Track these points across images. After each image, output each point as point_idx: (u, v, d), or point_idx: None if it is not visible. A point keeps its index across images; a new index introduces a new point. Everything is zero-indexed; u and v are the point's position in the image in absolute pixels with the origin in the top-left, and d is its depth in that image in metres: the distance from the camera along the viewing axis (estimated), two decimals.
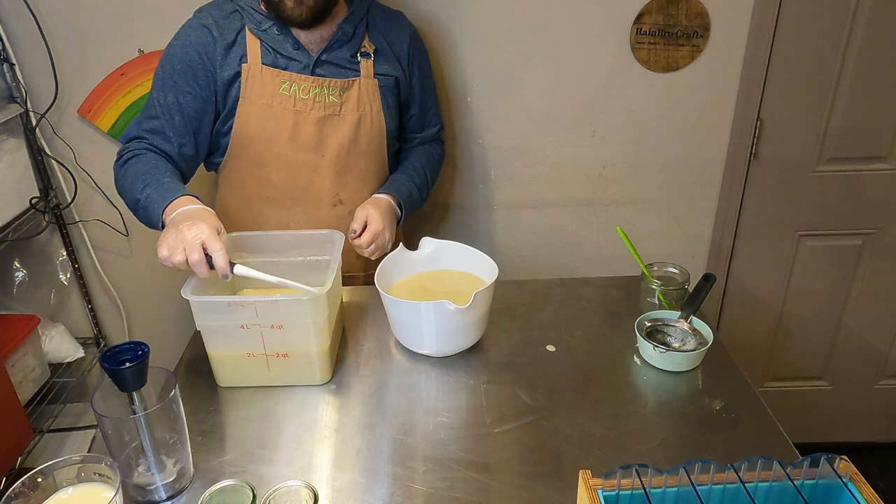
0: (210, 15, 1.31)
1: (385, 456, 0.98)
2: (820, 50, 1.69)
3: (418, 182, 1.47)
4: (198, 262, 1.05)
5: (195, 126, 1.33)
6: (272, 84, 1.31)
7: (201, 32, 1.29)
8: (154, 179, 1.22)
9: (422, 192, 1.49)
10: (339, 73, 1.34)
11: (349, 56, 1.35)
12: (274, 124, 1.33)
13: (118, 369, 0.85)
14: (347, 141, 1.37)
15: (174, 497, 0.91)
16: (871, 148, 1.80)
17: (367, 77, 1.36)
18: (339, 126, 1.36)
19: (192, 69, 1.29)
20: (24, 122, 1.69)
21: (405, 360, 1.19)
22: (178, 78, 1.29)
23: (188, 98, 1.30)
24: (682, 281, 1.27)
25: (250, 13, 1.30)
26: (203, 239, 1.06)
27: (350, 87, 1.34)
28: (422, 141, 1.55)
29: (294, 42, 1.31)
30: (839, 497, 0.71)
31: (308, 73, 1.32)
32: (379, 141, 1.41)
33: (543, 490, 0.91)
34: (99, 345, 2.01)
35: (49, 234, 1.86)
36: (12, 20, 1.62)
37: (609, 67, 1.72)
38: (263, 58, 1.30)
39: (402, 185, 1.43)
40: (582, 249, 1.96)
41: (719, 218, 1.91)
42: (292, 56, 1.31)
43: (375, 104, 1.37)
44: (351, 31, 1.34)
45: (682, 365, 1.13)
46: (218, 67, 1.30)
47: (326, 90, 1.33)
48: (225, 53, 1.29)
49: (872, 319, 2.03)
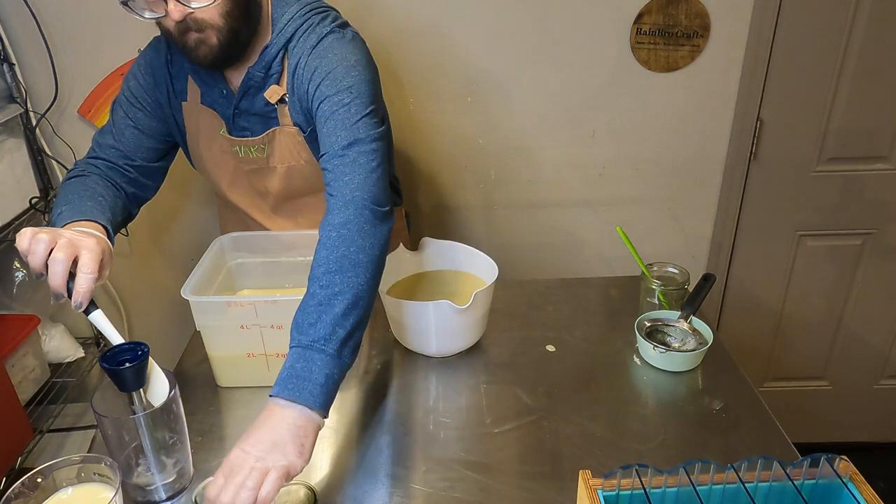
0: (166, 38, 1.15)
1: (385, 456, 0.98)
2: (820, 50, 1.69)
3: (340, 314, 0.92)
4: (57, 269, 0.86)
5: (147, 141, 1.21)
6: (211, 126, 1.21)
7: (159, 50, 1.20)
8: (76, 200, 1.06)
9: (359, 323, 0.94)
10: (259, 123, 1.18)
11: (264, 104, 1.15)
12: (215, 167, 1.27)
13: (118, 369, 0.85)
14: (283, 189, 1.26)
15: (174, 497, 0.91)
16: (871, 148, 1.80)
17: (287, 125, 1.17)
18: (271, 177, 1.25)
19: (144, 86, 1.19)
20: (24, 122, 1.69)
21: (405, 360, 1.19)
22: (129, 94, 1.20)
23: (139, 114, 1.19)
24: (682, 281, 1.27)
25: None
26: (85, 249, 0.88)
27: (272, 138, 1.18)
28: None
29: (223, 85, 1.16)
30: (839, 497, 0.71)
31: (229, 132, 1.20)
32: (318, 181, 1.15)
33: (543, 490, 0.91)
34: (99, 345, 2.00)
35: None
36: (12, 20, 1.62)
37: (609, 67, 1.72)
38: (202, 98, 1.19)
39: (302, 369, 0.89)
40: (582, 249, 1.96)
41: (719, 218, 1.91)
42: (218, 104, 1.19)
43: (304, 153, 1.20)
44: (261, 74, 1.12)
45: (682, 365, 1.13)
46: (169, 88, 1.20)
47: (248, 148, 1.21)
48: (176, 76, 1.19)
49: (872, 319, 2.03)
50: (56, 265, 0.86)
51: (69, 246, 0.87)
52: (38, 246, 0.87)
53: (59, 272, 0.86)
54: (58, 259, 0.86)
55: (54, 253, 0.86)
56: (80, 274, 0.87)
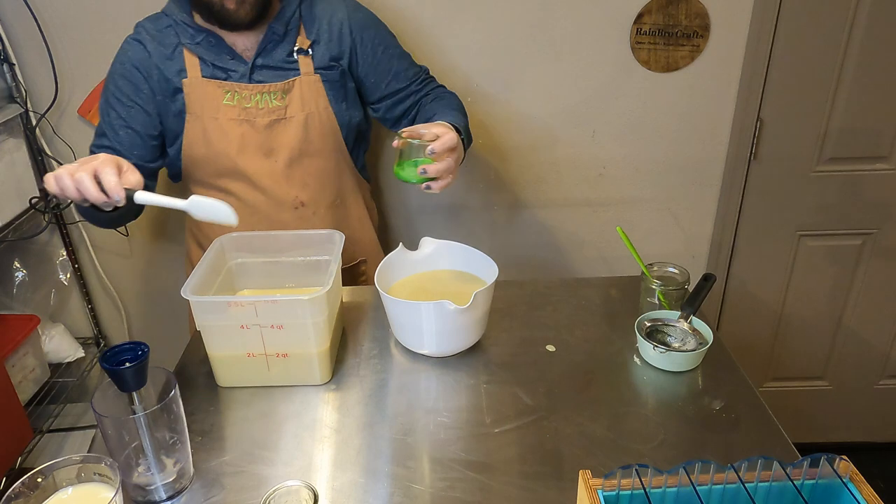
0: (145, 29, 1.31)
1: (385, 456, 0.98)
2: (820, 50, 1.69)
3: (457, 113, 1.34)
4: (81, 181, 0.99)
5: (142, 139, 1.31)
6: (214, 96, 1.30)
7: (136, 48, 1.29)
8: None
9: (466, 122, 1.34)
10: (278, 76, 1.31)
11: (285, 56, 1.31)
12: (222, 136, 1.31)
13: (118, 369, 0.85)
14: (298, 143, 1.34)
15: (174, 497, 0.91)
16: (871, 148, 1.80)
17: (308, 74, 1.32)
18: (287, 129, 1.33)
19: (132, 84, 1.29)
20: (24, 122, 1.69)
21: (405, 360, 1.19)
22: (119, 94, 1.29)
23: (131, 112, 1.29)
24: (682, 281, 1.27)
25: (183, 28, 1.29)
26: (96, 165, 1.01)
27: (291, 87, 1.32)
28: (416, 93, 1.44)
29: (229, 51, 1.29)
30: (839, 497, 0.71)
31: (246, 81, 1.30)
32: (334, 137, 1.37)
33: (543, 490, 0.91)
34: (99, 345, 2.01)
35: (49, 234, 1.86)
36: (12, 20, 1.62)
37: (609, 67, 1.72)
38: (203, 71, 1.29)
39: (450, 118, 1.27)
40: (582, 249, 1.96)
41: (719, 218, 1.91)
42: (229, 66, 1.29)
43: (322, 101, 1.34)
44: (282, 29, 1.30)
45: (682, 365, 1.13)
46: (156, 82, 1.29)
47: (268, 95, 1.30)
48: (163, 67, 1.28)
49: (872, 319, 2.03)
50: (84, 183, 1.00)
51: (83, 165, 1.01)
52: (63, 181, 1.01)
53: (90, 186, 1.00)
54: (81, 178, 0.99)
55: (76, 176, 1.00)
56: (104, 177, 1.00)
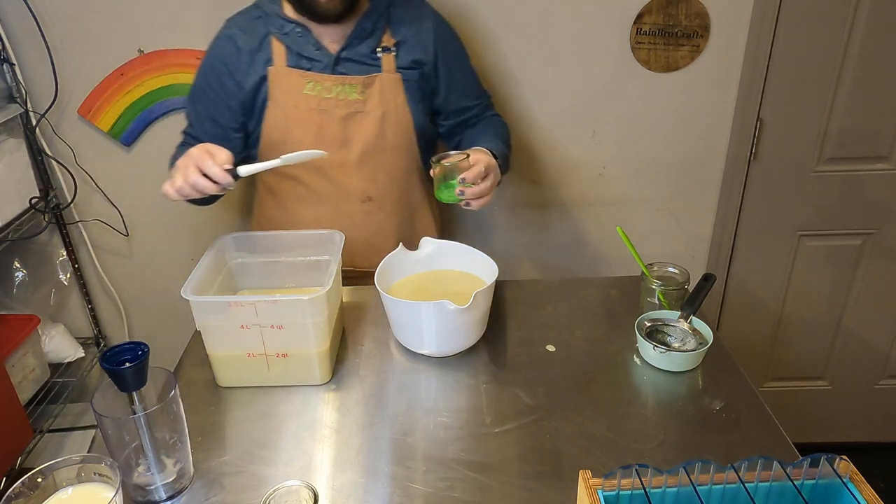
0: (235, 24, 1.37)
1: (385, 456, 0.98)
2: (820, 50, 1.69)
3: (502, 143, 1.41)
4: (196, 182, 1.11)
5: (224, 131, 1.38)
6: (297, 85, 1.33)
7: (225, 44, 1.35)
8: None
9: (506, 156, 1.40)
10: (360, 70, 1.35)
11: (369, 52, 1.35)
12: (300, 124, 1.35)
13: (118, 369, 0.85)
14: (373, 137, 1.37)
15: (174, 497, 0.91)
16: (871, 148, 1.80)
17: (389, 72, 1.36)
18: (363, 123, 1.36)
19: (218, 79, 1.36)
20: (24, 122, 1.69)
21: (405, 360, 1.19)
22: (205, 88, 1.38)
23: (215, 106, 1.37)
24: (682, 281, 1.27)
25: (273, 18, 1.34)
26: (194, 161, 1.11)
27: (372, 83, 1.35)
28: (477, 115, 1.50)
29: (315, 43, 1.33)
30: (839, 497, 0.71)
31: (329, 72, 1.33)
32: (407, 136, 1.40)
33: (543, 490, 0.91)
34: (99, 345, 2.01)
35: (49, 234, 1.86)
36: (12, 20, 1.62)
37: (609, 67, 1.72)
38: (288, 60, 1.33)
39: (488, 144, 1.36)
40: (582, 249, 1.96)
41: (719, 218, 1.91)
42: (314, 56, 1.33)
43: (399, 99, 1.37)
44: (370, 26, 1.34)
45: (682, 365, 1.13)
46: (242, 75, 1.34)
47: (348, 87, 1.34)
48: (250, 59, 1.34)
49: (872, 319, 2.03)
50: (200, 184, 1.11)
51: (188, 169, 1.11)
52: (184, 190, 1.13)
53: (207, 184, 1.11)
54: (196, 181, 1.11)
55: (191, 180, 1.11)
56: (209, 170, 1.10)
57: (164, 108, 1.73)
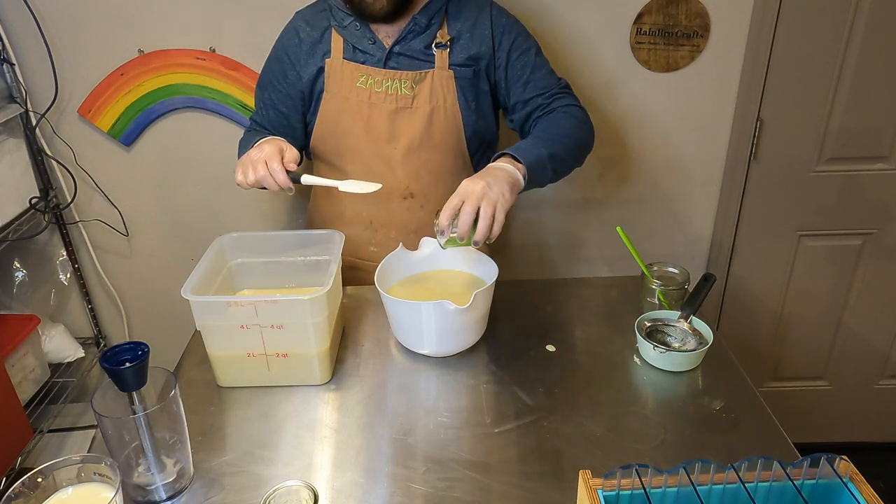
0: (302, 16, 1.40)
1: (385, 456, 0.98)
2: (820, 50, 1.69)
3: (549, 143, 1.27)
4: (263, 178, 1.19)
5: (287, 120, 1.43)
6: (350, 78, 1.36)
7: (290, 35, 1.39)
8: (259, 136, 1.36)
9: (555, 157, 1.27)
10: (412, 66, 1.35)
11: (423, 48, 1.34)
12: (350, 116, 1.37)
13: (118, 369, 0.85)
14: (419, 134, 1.37)
15: (174, 497, 0.91)
16: (871, 148, 1.80)
17: (442, 69, 1.35)
18: (411, 118, 1.37)
19: (282, 69, 1.40)
20: (24, 122, 1.69)
21: (405, 360, 1.19)
22: (271, 77, 1.42)
23: (279, 95, 1.41)
24: (682, 281, 1.27)
25: (336, 11, 1.36)
26: (265, 157, 1.19)
27: (423, 79, 1.35)
28: (543, 107, 1.39)
29: (371, 36, 1.34)
30: (839, 497, 0.71)
31: (381, 66, 1.34)
32: (455, 135, 1.39)
33: (543, 490, 0.91)
34: (99, 345, 2.01)
35: (49, 234, 1.86)
36: (12, 20, 1.62)
37: (609, 67, 1.72)
38: (344, 53, 1.36)
39: (524, 146, 1.25)
40: (582, 249, 1.96)
41: (719, 218, 1.91)
42: (368, 50, 1.35)
43: (450, 97, 1.36)
44: (425, 22, 1.33)
45: (682, 365, 1.13)
46: (302, 66, 1.38)
47: (398, 82, 1.34)
48: (311, 51, 1.37)
49: (872, 319, 2.03)
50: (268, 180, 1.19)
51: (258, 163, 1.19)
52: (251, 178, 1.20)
53: (273, 184, 1.19)
54: (263, 177, 1.19)
55: (259, 176, 1.19)
56: (275, 174, 1.18)
57: (164, 108, 1.73)
